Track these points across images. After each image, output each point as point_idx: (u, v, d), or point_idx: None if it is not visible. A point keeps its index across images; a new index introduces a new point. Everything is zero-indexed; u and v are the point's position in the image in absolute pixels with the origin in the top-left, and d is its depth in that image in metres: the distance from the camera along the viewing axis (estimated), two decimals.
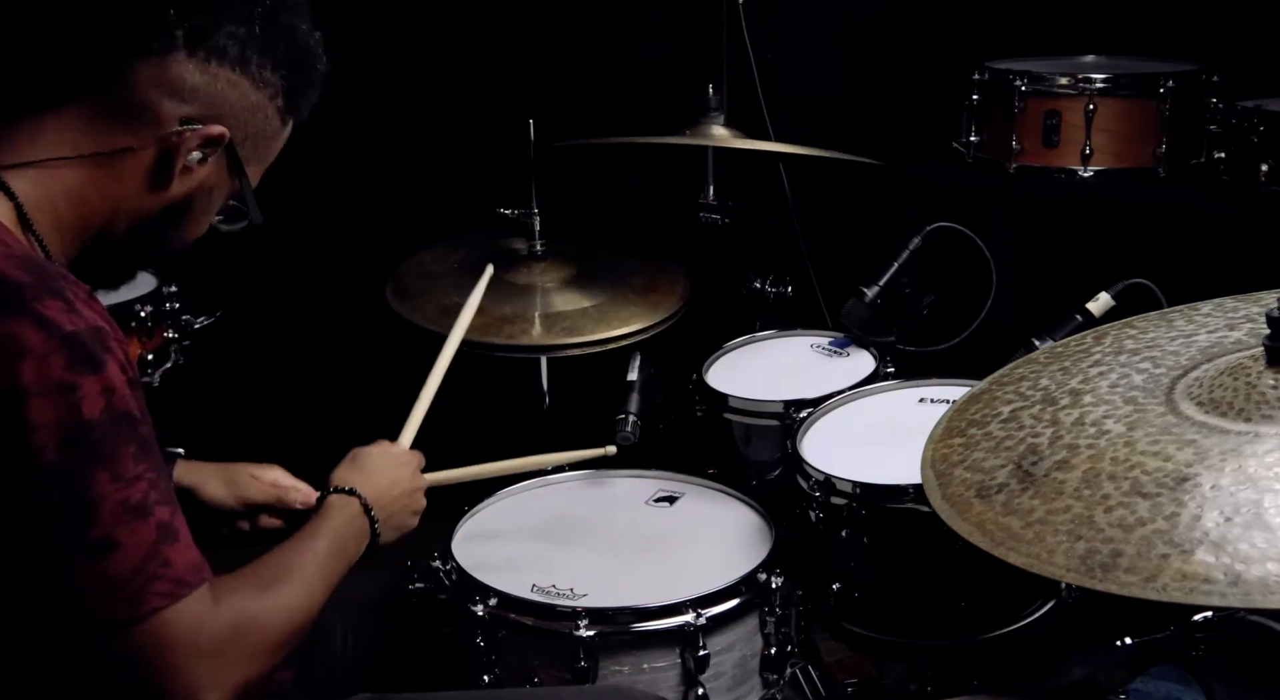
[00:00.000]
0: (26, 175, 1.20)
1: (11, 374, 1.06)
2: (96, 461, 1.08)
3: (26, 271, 1.11)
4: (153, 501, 1.11)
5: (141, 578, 1.10)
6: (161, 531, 1.12)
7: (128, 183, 1.24)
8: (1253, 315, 1.41)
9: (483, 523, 1.91)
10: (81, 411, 1.07)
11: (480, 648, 1.66)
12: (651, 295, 2.31)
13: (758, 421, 2.13)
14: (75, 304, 1.11)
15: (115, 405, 1.10)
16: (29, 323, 1.07)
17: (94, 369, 1.09)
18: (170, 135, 1.23)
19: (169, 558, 1.12)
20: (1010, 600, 1.83)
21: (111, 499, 1.09)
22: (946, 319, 2.28)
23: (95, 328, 1.11)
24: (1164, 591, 1.04)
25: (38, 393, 1.06)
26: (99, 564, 1.08)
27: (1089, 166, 2.69)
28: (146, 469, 1.12)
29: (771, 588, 1.69)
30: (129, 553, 1.09)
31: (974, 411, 1.42)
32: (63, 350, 1.07)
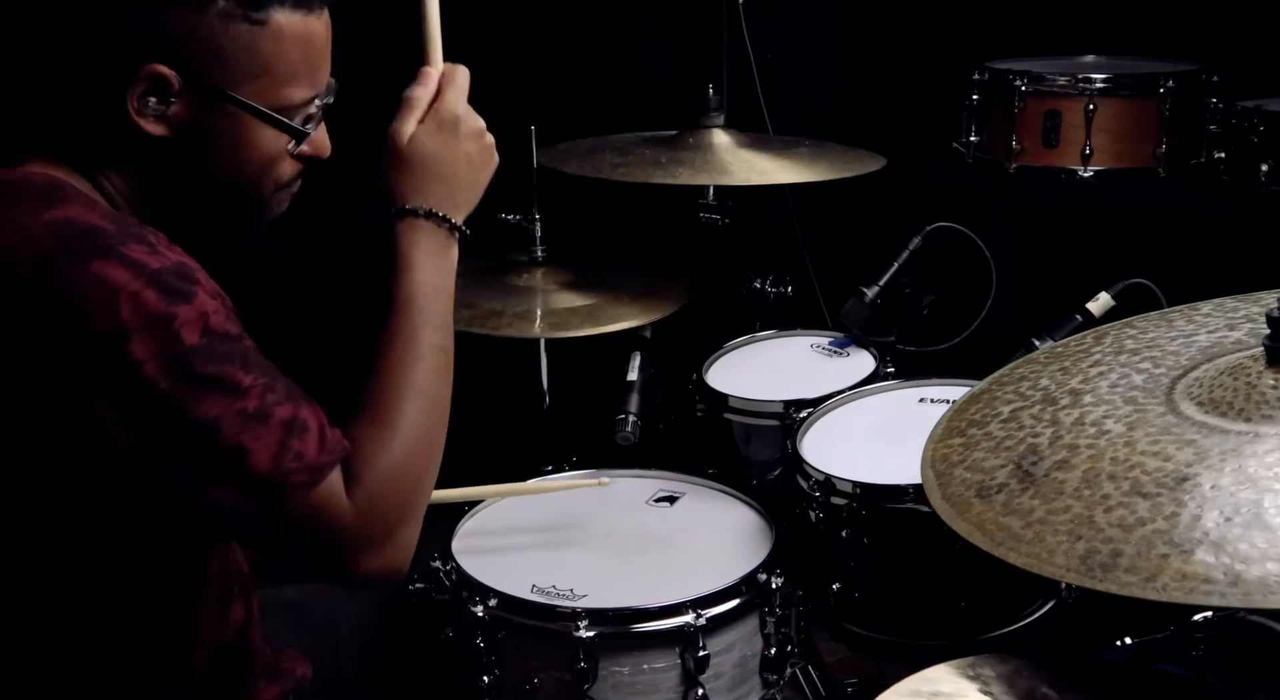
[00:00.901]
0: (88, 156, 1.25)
1: (111, 313, 1.10)
2: (207, 383, 1.13)
3: (110, 220, 1.17)
4: (270, 404, 1.16)
5: (278, 475, 1.15)
6: (286, 429, 1.16)
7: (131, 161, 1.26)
8: (1253, 315, 1.41)
9: (483, 523, 1.91)
10: (182, 339, 1.12)
11: (480, 648, 1.66)
12: (652, 298, 2.30)
13: (758, 421, 2.13)
14: (158, 246, 1.16)
15: (213, 328, 1.15)
16: (117, 264, 1.12)
17: (186, 299, 1.14)
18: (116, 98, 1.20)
19: (299, 451, 1.17)
20: (1010, 600, 1.83)
21: (229, 413, 1.14)
22: (946, 319, 2.28)
23: (180, 262, 1.16)
24: (1164, 591, 1.04)
25: (138, 328, 1.11)
26: (237, 471, 1.14)
27: (1089, 166, 2.69)
28: (257, 377, 1.16)
29: (772, 588, 1.69)
30: (259, 456, 1.15)
31: (974, 411, 1.42)
32: (153, 285, 1.12)
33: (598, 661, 1.60)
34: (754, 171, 2.29)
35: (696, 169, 2.28)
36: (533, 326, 2.21)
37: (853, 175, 2.31)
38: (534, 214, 2.34)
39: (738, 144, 2.38)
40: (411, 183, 1.36)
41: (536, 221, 2.35)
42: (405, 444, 1.26)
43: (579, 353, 2.39)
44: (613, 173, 2.27)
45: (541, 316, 2.24)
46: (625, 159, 2.31)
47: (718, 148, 2.36)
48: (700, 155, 2.33)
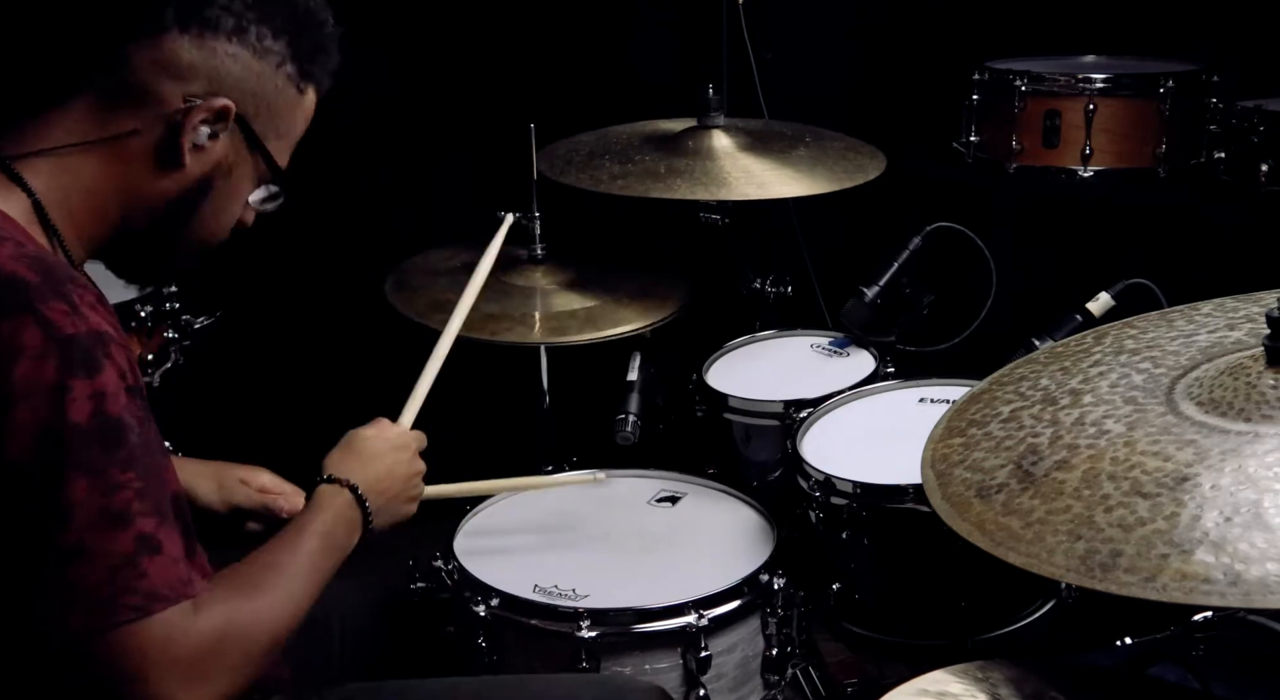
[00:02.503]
0: (40, 170, 1.21)
1: (6, 373, 1.05)
2: (75, 466, 1.06)
3: (35, 271, 1.11)
4: (135, 511, 1.08)
5: (111, 589, 1.07)
6: (140, 543, 1.08)
7: (138, 168, 1.24)
8: (1253, 315, 1.41)
9: (485, 522, 1.91)
10: (67, 415, 1.06)
11: (482, 648, 1.67)
12: (651, 299, 2.30)
13: (758, 421, 2.13)
14: (80, 307, 1.10)
15: (106, 410, 1.08)
16: (31, 322, 1.07)
17: (88, 373, 1.08)
18: (174, 114, 1.22)
19: (145, 570, 1.08)
20: (1010, 600, 1.84)
21: (88, 506, 1.06)
22: (946, 319, 2.28)
23: (97, 332, 1.10)
24: (1164, 591, 1.04)
25: (25, 394, 1.06)
26: (68, 571, 1.06)
27: (1089, 166, 2.69)
28: (134, 477, 1.09)
29: (773, 589, 1.70)
30: (99, 562, 1.07)
31: (974, 411, 1.42)
32: (58, 352, 1.07)
33: (599, 661, 1.61)
34: (752, 184, 2.28)
35: (694, 181, 2.27)
36: (532, 332, 2.22)
37: (853, 185, 2.31)
38: (534, 212, 2.34)
39: (738, 146, 2.38)
40: (350, 466, 1.44)
41: (536, 220, 2.35)
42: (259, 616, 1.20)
43: (579, 353, 2.40)
44: (611, 185, 2.27)
45: (541, 320, 2.24)
46: (625, 168, 2.31)
47: (718, 152, 2.36)
48: (699, 162, 2.32)
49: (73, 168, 1.22)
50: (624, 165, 2.33)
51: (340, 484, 1.41)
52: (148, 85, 1.22)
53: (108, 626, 1.07)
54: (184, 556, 1.13)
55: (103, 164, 1.23)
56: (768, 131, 2.51)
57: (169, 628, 1.10)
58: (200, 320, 2.47)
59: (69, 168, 1.22)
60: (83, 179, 1.22)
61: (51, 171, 1.21)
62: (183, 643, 1.11)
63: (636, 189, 2.24)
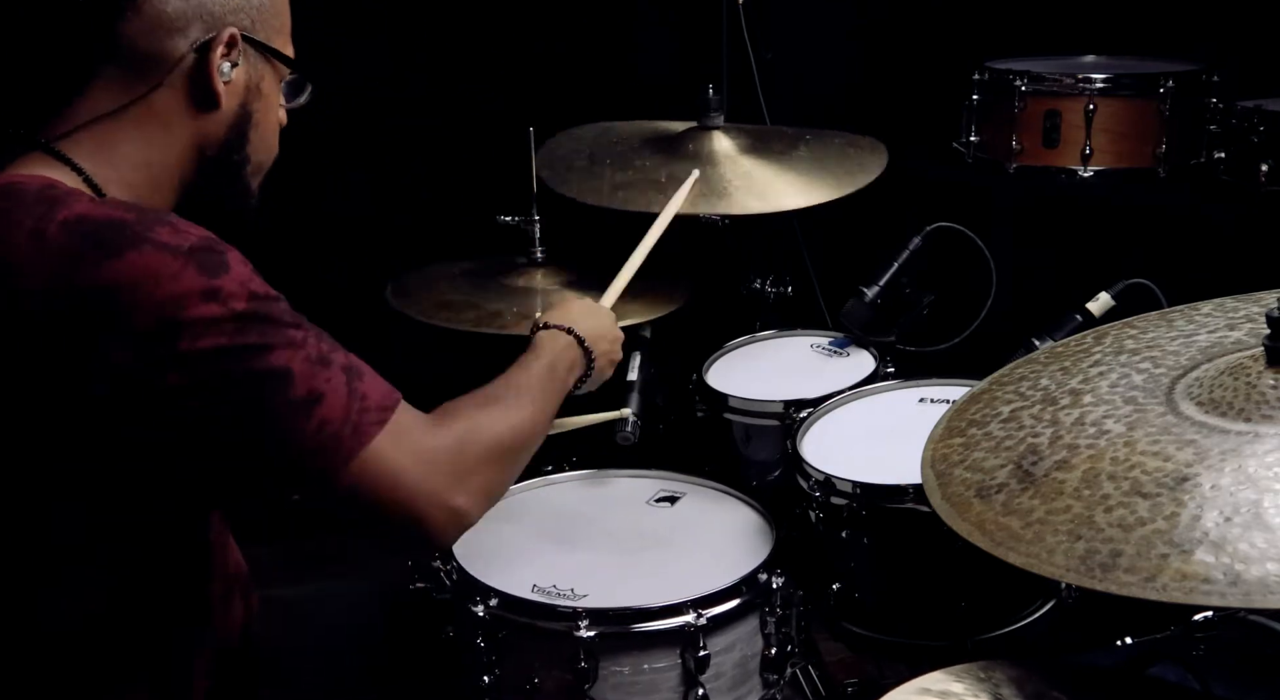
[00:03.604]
0: (83, 152, 1.23)
1: (160, 297, 1.11)
2: (268, 338, 1.16)
3: (124, 210, 1.17)
4: (327, 350, 1.20)
5: (353, 414, 1.19)
6: (348, 372, 1.21)
7: (179, 123, 1.27)
8: (1253, 315, 1.41)
9: (483, 522, 1.90)
10: (232, 307, 1.14)
11: (481, 648, 1.66)
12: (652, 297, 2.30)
13: (758, 421, 2.13)
14: (179, 226, 1.17)
15: (255, 291, 1.17)
16: (152, 250, 1.13)
17: (224, 269, 1.15)
18: (190, 62, 1.25)
19: (364, 391, 1.21)
20: (1010, 600, 1.83)
21: (297, 359, 1.17)
22: (946, 319, 2.28)
23: (207, 237, 1.17)
24: (1164, 591, 1.04)
25: (189, 299, 1.12)
26: (314, 416, 1.17)
27: (1089, 166, 2.69)
28: (306, 328, 1.20)
29: (772, 588, 1.70)
30: (333, 397, 1.18)
31: (974, 411, 1.42)
32: (191, 262, 1.13)
33: (598, 661, 1.60)
34: (753, 195, 2.28)
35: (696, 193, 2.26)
36: None
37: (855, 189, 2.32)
38: (533, 215, 2.34)
39: (739, 148, 2.38)
40: (569, 316, 1.61)
41: (536, 223, 2.35)
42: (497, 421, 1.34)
43: None
44: (613, 197, 2.27)
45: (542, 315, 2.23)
46: (626, 175, 2.31)
47: (718, 156, 2.36)
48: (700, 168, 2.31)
49: (115, 145, 1.25)
50: (625, 172, 2.32)
51: (559, 329, 1.58)
52: (151, 49, 1.24)
53: (363, 444, 1.19)
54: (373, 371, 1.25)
55: (141, 132, 1.25)
56: (767, 131, 2.51)
57: (411, 426, 1.24)
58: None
59: (111, 146, 1.24)
60: (129, 154, 1.25)
61: (95, 152, 1.24)
62: (429, 439, 1.25)
63: (639, 202, 2.24)
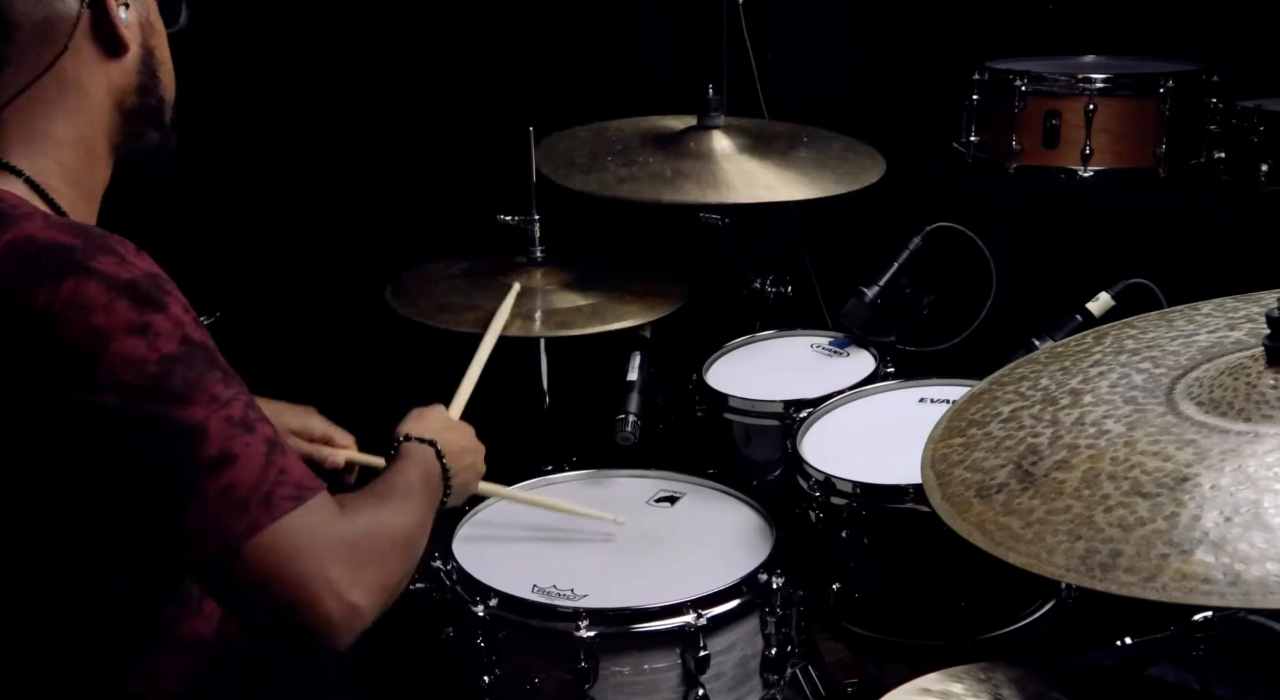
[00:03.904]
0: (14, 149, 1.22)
1: (86, 327, 1.08)
2: (190, 388, 1.10)
3: (74, 234, 1.14)
4: (253, 418, 1.14)
5: (266, 484, 1.11)
6: (271, 444, 1.14)
7: (93, 84, 1.26)
8: (1253, 315, 1.41)
9: (483, 523, 1.91)
10: (160, 347, 1.10)
11: (480, 648, 1.66)
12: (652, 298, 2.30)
13: (758, 421, 2.12)
14: (127, 256, 1.13)
15: (190, 337, 1.13)
16: (88, 280, 1.10)
17: (159, 309, 1.11)
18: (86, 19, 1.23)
19: (284, 466, 1.14)
20: (1010, 600, 1.83)
21: (216, 417, 1.11)
22: (946, 319, 2.28)
23: (151, 273, 1.14)
24: (1164, 591, 1.04)
25: (116, 334, 1.09)
26: (223, 477, 1.10)
27: (1089, 166, 2.69)
28: (238, 391, 1.14)
29: (772, 588, 1.69)
30: (248, 462, 1.11)
31: (974, 411, 1.42)
32: (125, 296, 1.10)
33: (598, 661, 1.60)
34: (760, 186, 2.28)
35: (702, 183, 2.26)
36: (533, 326, 2.21)
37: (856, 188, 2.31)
38: (533, 215, 2.34)
39: (738, 147, 2.38)
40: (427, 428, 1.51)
41: (536, 222, 2.34)
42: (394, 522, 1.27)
43: (579, 353, 2.39)
44: (619, 188, 2.26)
45: (543, 317, 2.23)
46: (630, 170, 2.30)
47: (718, 155, 2.36)
48: (702, 165, 2.31)
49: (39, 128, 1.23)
50: (629, 168, 2.32)
51: (421, 442, 1.48)
52: (43, 19, 1.22)
53: (273, 518, 1.11)
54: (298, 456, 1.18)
55: (62, 105, 1.24)
56: (767, 132, 2.51)
57: (324, 512, 1.16)
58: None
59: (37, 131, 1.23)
60: (56, 133, 1.24)
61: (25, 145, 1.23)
62: (337, 529, 1.16)
63: (645, 192, 2.24)
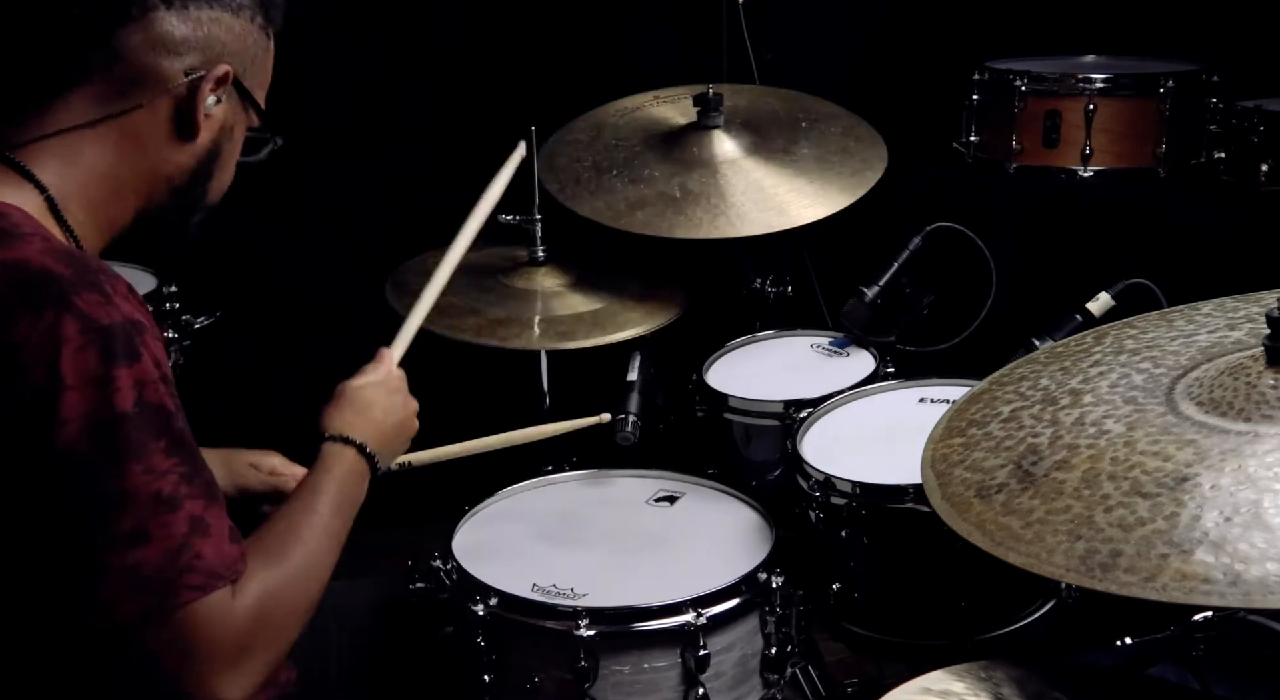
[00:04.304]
0: (48, 164, 1.22)
1: (51, 365, 1.07)
2: (128, 454, 1.09)
3: (66, 264, 1.12)
4: (183, 495, 1.11)
5: (172, 570, 1.10)
6: (193, 525, 1.11)
7: (154, 146, 1.26)
8: (1253, 315, 1.41)
9: (483, 522, 1.91)
10: (114, 404, 1.08)
11: (481, 647, 1.66)
12: (651, 300, 2.30)
13: (758, 421, 2.13)
14: (113, 297, 1.12)
15: (147, 398, 1.10)
16: (68, 315, 1.08)
17: (128, 361, 1.10)
18: (180, 89, 1.24)
19: (200, 551, 1.11)
20: (1010, 600, 1.83)
21: (143, 491, 1.09)
22: (946, 319, 2.28)
23: (131, 320, 1.12)
24: (1164, 591, 1.04)
25: (72, 385, 1.07)
26: (131, 555, 1.08)
27: (1089, 166, 2.69)
28: (178, 462, 1.12)
29: (772, 587, 1.69)
30: (158, 545, 1.09)
31: (974, 411, 1.42)
32: (98, 343, 1.09)
33: (598, 660, 1.60)
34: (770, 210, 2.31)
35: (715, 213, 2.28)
36: (535, 336, 2.22)
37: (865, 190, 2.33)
38: (534, 215, 2.34)
39: (741, 149, 2.38)
40: (348, 420, 1.47)
41: (537, 222, 2.34)
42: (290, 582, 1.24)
43: (579, 354, 2.39)
44: (631, 219, 2.28)
45: (543, 324, 2.24)
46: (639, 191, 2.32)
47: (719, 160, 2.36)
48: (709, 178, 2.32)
49: (83, 156, 1.23)
50: (637, 187, 2.32)
51: (342, 441, 1.44)
52: (145, 65, 1.23)
53: (169, 608, 1.10)
54: (229, 537, 1.16)
55: (115, 147, 1.24)
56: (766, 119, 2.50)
57: (218, 608, 1.13)
58: (200, 320, 2.47)
59: (79, 156, 1.23)
60: (96, 166, 1.24)
61: (61, 164, 1.22)
62: (228, 622, 1.14)
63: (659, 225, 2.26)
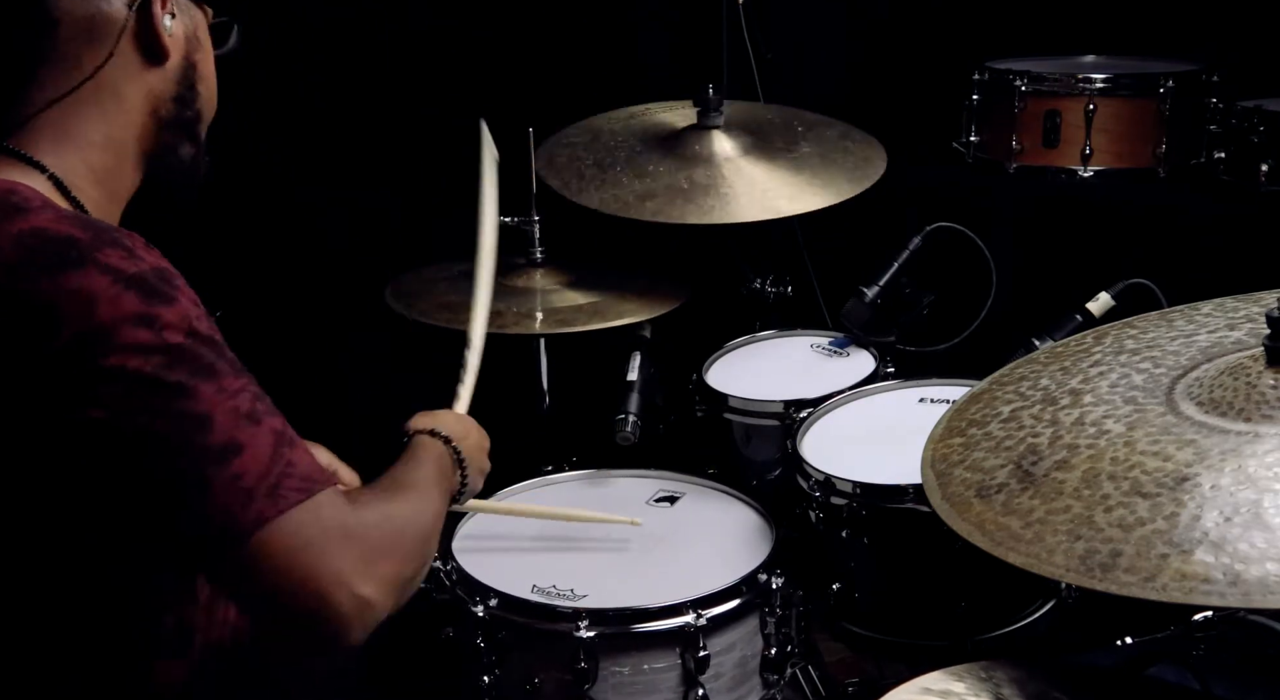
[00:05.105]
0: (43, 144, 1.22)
1: (90, 318, 1.07)
2: (197, 375, 1.09)
3: (83, 228, 1.13)
4: (261, 411, 1.12)
5: (273, 476, 1.09)
6: (278, 436, 1.12)
7: (132, 90, 1.26)
8: (1253, 315, 1.41)
9: (483, 523, 1.91)
10: (167, 338, 1.09)
11: (480, 648, 1.66)
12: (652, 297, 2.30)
13: (758, 421, 2.12)
14: (135, 250, 1.13)
15: (197, 330, 1.12)
16: (93, 272, 1.09)
17: (167, 301, 1.10)
18: (131, 21, 1.24)
19: (291, 459, 1.12)
20: (1010, 600, 1.83)
21: (222, 407, 1.09)
22: (946, 319, 2.28)
23: (159, 268, 1.13)
24: (1164, 591, 1.04)
25: (122, 323, 1.08)
26: (229, 467, 1.08)
27: (1089, 166, 2.69)
28: (247, 383, 1.13)
29: (772, 588, 1.69)
30: (255, 452, 1.09)
31: (974, 411, 1.42)
32: (131, 289, 1.09)
33: (598, 661, 1.60)
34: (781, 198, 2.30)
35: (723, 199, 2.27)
36: (534, 323, 2.21)
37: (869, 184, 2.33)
38: (533, 216, 2.34)
39: (742, 149, 2.38)
40: (440, 420, 1.49)
41: (535, 223, 2.34)
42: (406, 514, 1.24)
43: (579, 352, 2.39)
44: (641, 209, 2.27)
45: (543, 316, 2.23)
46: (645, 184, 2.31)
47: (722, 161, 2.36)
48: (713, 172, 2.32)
49: (72, 127, 1.23)
50: (642, 180, 2.32)
51: (431, 433, 1.45)
52: (88, 17, 1.22)
53: (280, 510, 1.09)
54: (309, 449, 1.16)
55: (98, 108, 1.24)
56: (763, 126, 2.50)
57: (333, 507, 1.12)
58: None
59: (68, 129, 1.23)
60: (88, 134, 1.24)
61: (54, 142, 1.23)
62: (348, 521, 1.13)
63: (671, 212, 2.25)
